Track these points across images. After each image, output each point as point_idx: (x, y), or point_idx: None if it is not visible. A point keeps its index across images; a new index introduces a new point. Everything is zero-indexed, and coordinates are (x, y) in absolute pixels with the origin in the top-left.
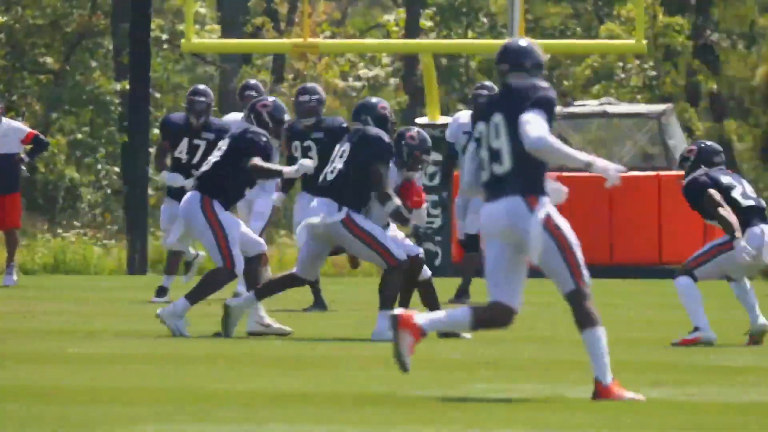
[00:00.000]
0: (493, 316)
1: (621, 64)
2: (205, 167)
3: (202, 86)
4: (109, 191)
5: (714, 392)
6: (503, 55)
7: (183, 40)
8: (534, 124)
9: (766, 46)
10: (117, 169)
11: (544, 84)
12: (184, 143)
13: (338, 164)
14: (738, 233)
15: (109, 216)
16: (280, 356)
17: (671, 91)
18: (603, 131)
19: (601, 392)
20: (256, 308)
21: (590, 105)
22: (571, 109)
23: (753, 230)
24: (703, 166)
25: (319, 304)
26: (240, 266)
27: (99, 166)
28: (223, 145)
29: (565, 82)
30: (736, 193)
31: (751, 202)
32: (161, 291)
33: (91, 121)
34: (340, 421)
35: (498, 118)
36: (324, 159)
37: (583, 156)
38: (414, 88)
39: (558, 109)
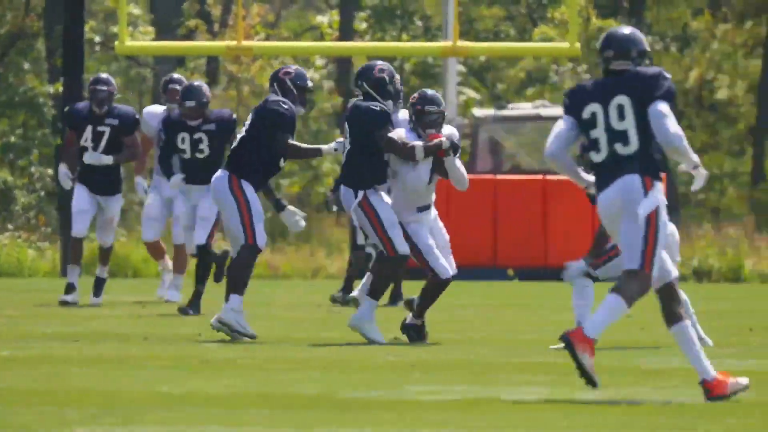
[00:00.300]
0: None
1: (555, 67)
2: (233, 144)
3: (104, 75)
4: (42, 194)
5: (644, 394)
6: (608, 42)
7: (117, 42)
8: (672, 119)
9: (699, 49)
10: (51, 172)
11: (667, 74)
12: (89, 131)
13: (347, 144)
14: None
15: (43, 218)
16: (213, 359)
17: None
18: (537, 134)
19: (576, 339)
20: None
21: (524, 108)
22: (504, 112)
23: None
24: None
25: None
26: (262, 241)
27: (32, 169)
28: (248, 120)
29: (499, 85)
30: None
31: None
32: (69, 287)
33: (24, 124)
34: (273, 423)
35: (623, 100)
36: (213, 151)
37: (695, 157)
38: (348, 90)
39: (491, 111)
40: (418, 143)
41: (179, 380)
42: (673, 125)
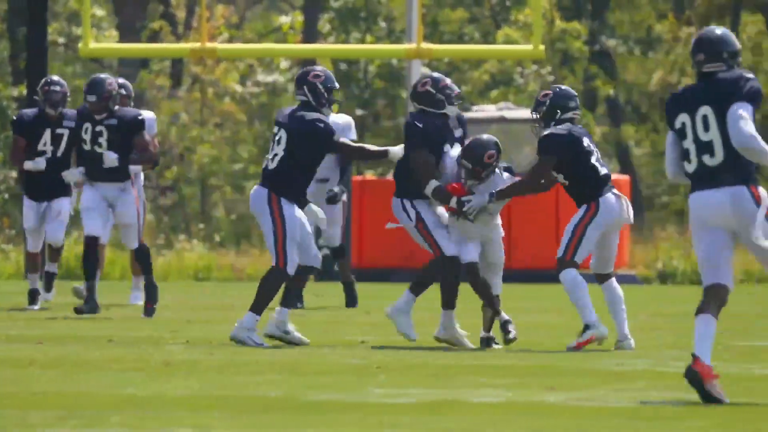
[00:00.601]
0: (720, 299)
1: (519, 69)
2: (270, 164)
3: (56, 77)
4: (6, 196)
5: (607, 396)
6: (699, 44)
7: (81, 44)
8: (747, 120)
9: (663, 52)
10: (15, 174)
11: (750, 74)
12: (47, 135)
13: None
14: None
15: (8, 220)
16: (176, 361)
17: None
18: (501, 136)
19: None
20: (281, 312)
21: (488, 110)
22: (469, 114)
23: (608, 198)
24: (559, 112)
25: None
26: (292, 267)
27: None
28: (281, 139)
29: (463, 87)
30: (594, 160)
31: (606, 171)
32: (33, 294)
33: None
34: (237, 426)
35: (706, 110)
36: (113, 147)
37: None
38: None
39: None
40: (434, 182)
41: (143, 382)
42: (746, 126)
